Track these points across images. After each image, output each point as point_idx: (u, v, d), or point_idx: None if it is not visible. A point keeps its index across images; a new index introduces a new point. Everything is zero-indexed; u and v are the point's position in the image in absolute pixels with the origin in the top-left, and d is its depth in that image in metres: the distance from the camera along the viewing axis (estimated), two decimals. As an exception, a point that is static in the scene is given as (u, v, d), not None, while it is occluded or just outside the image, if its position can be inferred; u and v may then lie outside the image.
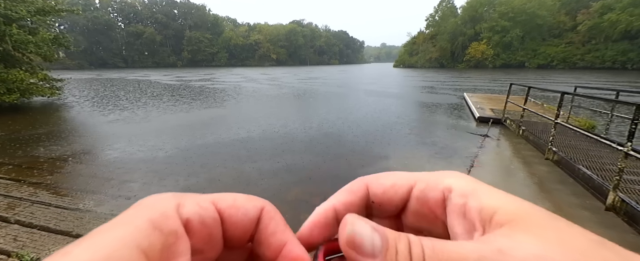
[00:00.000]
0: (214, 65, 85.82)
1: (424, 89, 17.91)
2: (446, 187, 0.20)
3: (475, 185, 0.20)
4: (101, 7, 78.13)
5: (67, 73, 29.57)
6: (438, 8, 76.50)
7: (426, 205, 0.21)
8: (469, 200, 0.19)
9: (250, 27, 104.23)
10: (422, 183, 0.21)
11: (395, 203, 0.22)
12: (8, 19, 9.93)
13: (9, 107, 10.39)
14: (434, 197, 0.20)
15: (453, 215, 0.19)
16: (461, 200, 0.19)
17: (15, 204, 3.38)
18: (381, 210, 0.23)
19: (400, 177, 0.23)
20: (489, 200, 0.18)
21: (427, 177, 0.22)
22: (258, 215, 0.21)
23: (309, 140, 6.16)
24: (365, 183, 0.23)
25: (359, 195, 0.23)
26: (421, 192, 0.21)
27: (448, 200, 0.20)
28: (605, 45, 50.13)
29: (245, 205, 0.21)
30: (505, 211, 0.17)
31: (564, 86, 19.06)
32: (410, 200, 0.22)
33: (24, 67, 11.41)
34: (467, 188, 0.19)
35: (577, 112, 8.92)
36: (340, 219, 0.21)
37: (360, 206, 0.23)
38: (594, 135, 4.04)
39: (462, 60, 66.21)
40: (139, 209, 0.18)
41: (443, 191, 0.20)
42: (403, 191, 0.22)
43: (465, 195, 0.19)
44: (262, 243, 0.21)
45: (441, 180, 0.21)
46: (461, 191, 0.19)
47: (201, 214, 0.19)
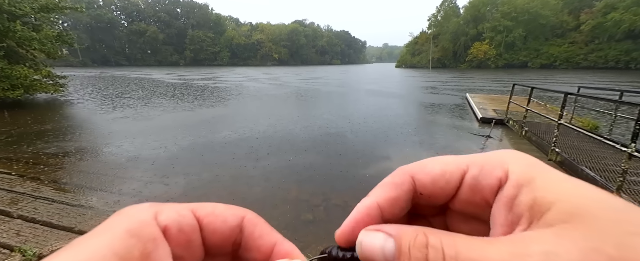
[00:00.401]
0: (216, 65, 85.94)
1: (426, 89, 17.85)
2: (503, 174, 0.18)
3: (534, 172, 0.17)
4: (104, 5, 78.38)
5: (70, 70, 29.78)
6: (440, 8, 76.21)
7: (479, 194, 0.19)
8: (521, 191, 0.17)
9: (253, 27, 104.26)
10: (476, 168, 0.20)
11: (446, 193, 0.21)
12: (12, 15, 9.98)
13: (12, 102, 10.45)
14: (489, 185, 0.19)
15: (499, 205, 0.18)
16: (513, 191, 0.17)
17: (18, 199, 3.40)
18: (430, 201, 0.21)
19: (449, 163, 0.21)
20: (546, 192, 0.16)
21: (481, 160, 0.20)
22: (238, 223, 0.21)
23: (310, 140, 6.16)
24: (410, 174, 0.21)
25: (404, 188, 0.21)
26: (474, 179, 0.19)
27: (501, 189, 0.18)
28: (609, 44, 49.79)
29: (224, 213, 0.21)
30: (561, 208, 0.15)
31: (567, 86, 18.95)
32: (462, 187, 0.20)
33: (28, 64, 11.47)
34: (524, 176, 0.17)
35: (581, 113, 8.87)
36: (385, 216, 0.21)
37: (405, 200, 0.21)
38: (598, 136, 4.01)
39: (464, 60, 65.96)
40: (116, 219, 0.18)
41: (500, 178, 0.18)
42: (455, 178, 0.20)
43: (519, 185, 0.17)
44: (251, 248, 0.21)
45: (498, 164, 0.19)
46: (517, 180, 0.17)
47: (179, 221, 0.19)
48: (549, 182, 0.16)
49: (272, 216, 3.10)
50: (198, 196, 3.65)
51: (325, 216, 3.17)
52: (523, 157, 0.19)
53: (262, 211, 3.56)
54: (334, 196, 3.60)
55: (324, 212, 3.24)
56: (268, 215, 3.05)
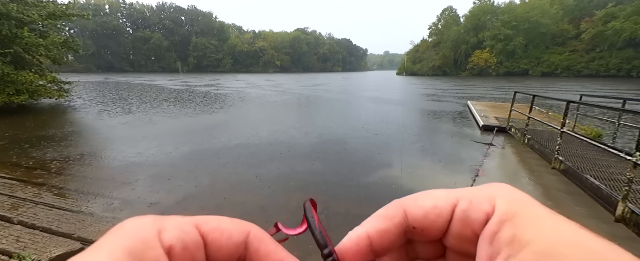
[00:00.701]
0: (219, 71, 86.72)
1: (427, 97, 17.88)
2: (490, 208, 0.19)
3: (519, 208, 0.18)
4: (111, 13, 79.80)
5: (75, 76, 30.10)
6: (441, 16, 77.00)
7: (470, 227, 0.19)
8: (503, 226, 0.17)
9: (256, 34, 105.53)
10: (465, 202, 0.20)
11: (438, 227, 0.21)
12: (20, 22, 10.17)
13: (17, 107, 10.55)
14: (478, 218, 0.19)
15: (483, 238, 0.18)
16: (496, 226, 0.18)
17: (18, 204, 3.39)
18: (422, 235, 0.21)
19: (440, 197, 0.21)
20: (525, 229, 0.16)
21: (471, 194, 0.20)
22: (243, 239, 0.20)
23: (311, 146, 6.15)
24: (402, 207, 0.21)
25: (395, 221, 0.21)
26: (464, 213, 0.20)
27: (487, 224, 0.18)
28: (610, 52, 49.91)
29: (229, 228, 0.20)
30: (537, 247, 0.15)
31: (569, 94, 18.93)
32: (453, 221, 0.20)
33: (34, 69, 11.62)
34: (508, 211, 0.18)
35: (583, 121, 8.83)
36: (374, 248, 0.21)
37: (396, 234, 0.21)
38: (601, 144, 3.98)
39: (465, 68, 66.23)
40: (116, 235, 0.17)
41: (487, 213, 0.19)
42: (446, 212, 0.20)
43: (502, 221, 0.18)
44: None
45: (486, 198, 0.19)
46: (501, 215, 0.18)
47: (184, 239, 0.18)
48: (530, 219, 0.17)
49: (272, 223, 3.07)
50: (198, 202, 3.63)
51: (326, 225, 3.13)
52: (510, 191, 0.19)
53: (262, 218, 3.54)
54: (334, 205, 3.57)
55: (325, 221, 3.21)
56: (268, 223, 3.02)
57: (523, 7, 59.62)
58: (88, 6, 73.17)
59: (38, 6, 10.92)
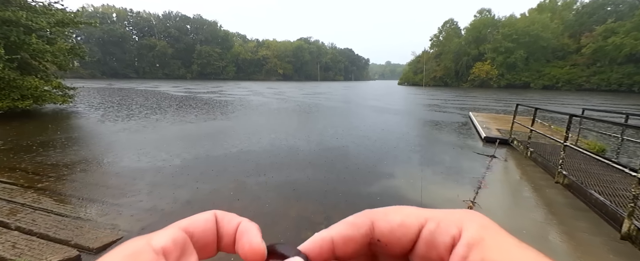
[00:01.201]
0: (222, 78, 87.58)
1: (428, 107, 17.93)
2: (457, 232, 0.19)
3: (486, 233, 0.18)
4: (118, 21, 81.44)
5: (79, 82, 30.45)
6: (442, 29, 78.11)
7: (435, 250, 0.19)
8: (472, 252, 0.17)
9: (259, 43, 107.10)
10: (433, 224, 0.20)
11: (402, 245, 0.21)
12: (28, 29, 10.38)
13: (21, 112, 10.63)
14: (443, 242, 0.19)
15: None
16: (465, 250, 0.18)
17: (17, 210, 3.36)
18: (387, 250, 0.21)
19: (410, 215, 0.21)
20: (493, 255, 0.17)
21: (440, 217, 0.20)
22: (213, 219, 0.23)
23: (312, 155, 6.13)
24: (371, 219, 0.22)
25: (361, 230, 0.21)
26: (431, 234, 0.20)
27: (454, 247, 0.18)
28: (611, 67, 50.19)
29: (200, 218, 0.23)
30: None
31: (571, 108, 18.93)
32: (419, 241, 0.20)
33: (40, 75, 11.78)
34: (475, 237, 0.18)
35: (586, 135, 8.80)
36: (337, 253, 0.21)
37: (360, 243, 0.21)
38: (605, 159, 3.94)
39: (466, 79, 66.64)
40: (114, 251, 0.18)
41: (453, 236, 0.19)
42: (413, 231, 0.20)
43: (470, 245, 0.18)
44: (223, 235, 0.23)
45: (454, 222, 0.19)
46: (468, 240, 0.18)
47: (173, 237, 0.20)
48: (497, 245, 0.17)
49: (272, 232, 3.03)
50: (198, 209, 3.48)
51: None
52: (479, 218, 0.19)
53: (262, 226, 3.45)
54: (335, 214, 3.53)
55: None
56: (268, 231, 2.98)
57: (523, 21, 60.47)
58: (96, 14, 74.85)
59: (47, 14, 11.17)
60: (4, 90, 9.74)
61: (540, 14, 62.14)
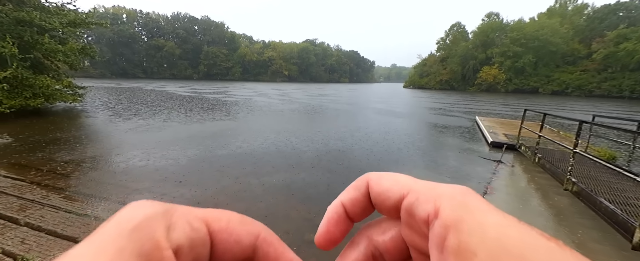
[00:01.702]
0: (228, 79, 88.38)
1: (434, 110, 17.79)
2: (434, 209, 0.18)
3: (462, 212, 0.17)
4: (128, 21, 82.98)
5: (89, 81, 31.06)
6: (449, 32, 77.69)
7: (414, 220, 0.20)
8: (449, 233, 0.17)
9: (265, 45, 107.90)
10: (413, 196, 0.20)
11: (386, 209, 0.22)
12: (41, 29, 10.63)
13: (32, 110, 10.87)
14: (421, 215, 0.19)
15: (432, 245, 0.18)
16: (442, 231, 0.17)
17: (26, 206, 3.43)
18: (382, 209, 0.22)
19: (397, 182, 0.21)
20: (470, 239, 0.16)
21: (421, 189, 0.20)
22: (252, 242, 0.20)
23: (317, 157, 6.12)
24: (367, 180, 0.23)
25: (361, 191, 0.23)
26: (409, 205, 0.20)
27: (431, 225, 0.18)
28: (622, 74, 49.22)
29: (238, 230, 0.20)
30: (481, 257, 0.15)
31: (580, 114, 18.59)
32: (401, 211, 0.21)
33: (51, 74, 12.04)
34: (451, 216, 0.17)
35: (596, 142, 8.62)
36: (349, 215, 0.23)
37: (365, 202, 0.23)
38: (616, 167, 3.86)
39: (473, 83, 66.03)
40: (121, 231, 0.15)
41: (428, 213, 0.18)
42: (394, 200, 0.21)
43: (447, 226, 0.17)
44: None
45: (432, 198, 0.19)
46: (444, 219, 0.17)
47: (193, 238, 0.17)
48: (475, 227, 0.16)
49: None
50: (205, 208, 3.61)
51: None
52: (459, 194, 0.19)
53: (265, 229, 3.45)
54: (339, 218, 3.52)
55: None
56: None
57: (532, 26, 59.77)
58: (107, 15, 76.36)
59: (59, 14, 11.44)
60: (16, 88, 9.98)
61: (549, 19, 61.36)
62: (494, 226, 0.16)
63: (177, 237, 0.16)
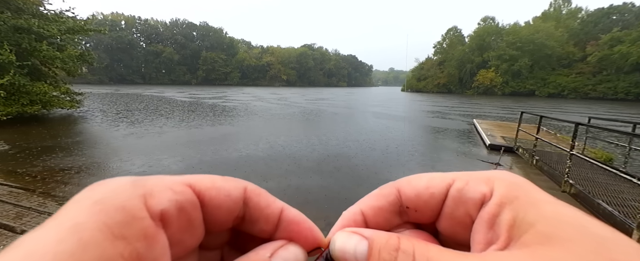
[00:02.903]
0: (227, 84, 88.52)
1: (432, 114, 17.87)
2: (488, 190, 0.18)
3: (519, 191, 0.17)
4: (126, 28, 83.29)
5: (87, 87, 31.03)
6: (446, 36, 78.48)
7: (463, 207, 0.19)
8: (503, 210, 0.16)
9: (263, 50, 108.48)
10: (461, 182, 0.19)
11: (431, 207, 0.20)
12: (40, 36, 10.66)
13: (29, 117, 10.82)
14: (473, 198, 0.18)
15: (481, 221, 0.17)
16: (495, 209, 0.17)
17: (23, 213, 3.40)
18: (418, 216, 0.21)
19: (434, 177, 0.21)
20: (527, 213, 0.15)
21: (468, 176, 0.20)
22: (241, 195, 0.19)
23: (315, 161, 6.12)
24: (396, 187, 0.21)
25: (389, 199, 0.21)
26: (459, 192, 0.19)
27: (484, 205, 0.17)
28: (617, 76, 49.79)
29: (225, 185, 0.19)
30: (540, 230, 0.14)
31: (577, 116, 18.72)
32: (447, 200, 0.19)
33: (49, 81, 12.02)
34: (508, 195, 0.17)
35: (592, 144, 8.67)
36: (369, 225, 0.21)
37: (390, 211, 0.21)
38: (613, 169, 3.88)
39: (470, 86, 66.49)
40: (90, 206, 0.13)
41: (484, 194, 0.18)
42: (440, 192, 0.20)
43: (502, 203, 0.16)
44: (258, 220, 0.20)
45: (484, 180, 0.18)
46: (500, 197, 0.17)
47: (178, 200, 0.16)
48: (532, 203, 0.16)
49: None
50: None
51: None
52: (510, 176, 0.18)
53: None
54: (336, 220, 3.50)
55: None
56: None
57: (528, 29, 60.52)
58: (105, 22, 76.57)
59: (58, 22, 11.48)
60: (13, 95, 9.95)
61: (544, 22, 62.18)
62: (549, 203, 0.16)
63: (158, 203, 0.15)
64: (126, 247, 0.12)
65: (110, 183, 0.15)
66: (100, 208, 0.13)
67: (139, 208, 0.14)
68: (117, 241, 0.12)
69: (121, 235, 0.12)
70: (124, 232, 0.12)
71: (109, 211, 0.13)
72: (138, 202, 0.14)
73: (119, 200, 0.14)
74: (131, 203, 0.14)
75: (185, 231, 0.16)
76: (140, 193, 0.15)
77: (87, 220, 0.12)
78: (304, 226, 0.21)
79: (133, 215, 0.13)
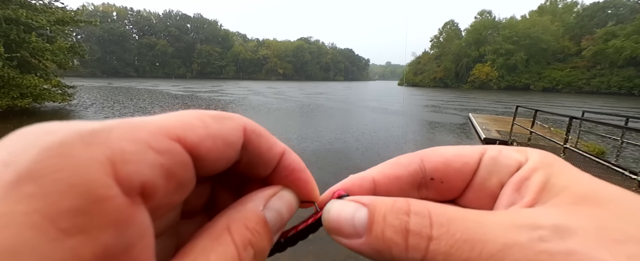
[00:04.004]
0: (222, 78, 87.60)
1: (428, 108, 17.93)
2: (523, 158, 0.17)
3: (555, 160, 0.16)
4: (118, 19, 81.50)
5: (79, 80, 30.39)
6: (442, 30, 78.23)
7: (497, 176, 0.17)
8: (535, 173, 0.15)
9: (259, 43, 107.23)
10: (495, 150, 0.18)
11: (463, 177, 0.18)
12: (28, 27, 10.36)
13: (20, 111, 10.60)
14: (508, 165, 0.17)
15: (509, 184, 0.16)
16: (527, 173, 0.15)
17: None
18: (443, 189, 0.19)
19: (463, 147, 0.19)
20: (560, 177, 0.14)
21: (500, 146, 0.18)
22: (241, 138, 0.16)
23: (312, 155, 6.11)
24: (420, 156, 0.19)
25: (409, 168, 0.19)
26: (493, 160, 0.17)
27: (517, 171, 0.16)
28: (611, 70, 50.34)
29: (222, 130, 0.15)
30: (574, 191, 0.13)
31: (571, 110, 18.95)
32: (479, 170, 0.17)
33: (39, 73, 11.76)
34: (543, 161, 0.16)
35: (585, 137, 8.79)
36: (378, 192, 0.19)
37: (408, 183, 0.19)
38: (605, 162, 3.94)
39: (466, 80, 66.75)
40: (11, 186, 0.08)
41: (519, 161, 0.16)
42: (473, 160, 0.18)
43: (535, 168, 0.15)
44: (257, 165, 0.18)
45: (518, 150, 0.17)
46: (534, 163, 0.16)
47: (164, 165, 0.11)
48: (566, 169, 0.15)
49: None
50: None
51: (325, 234, 3.07)
52: (542, 151, 0.17)
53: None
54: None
55: (323, 231, 3.15)
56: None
57: (524, 23, 60.57)
58: (96, 13, 74.80)
59: (47, 12, 11.16)
60: (3, 88, 9.72)
61: (540, 16, 62.26)
62: (581, 174, 0.15)
63: (136, 172, 0.10)
64: (86, 245, 0.08)
65: (42, 137, 0.09)
66: (32, 190, 0.08)
67: (104, 184, 0.09)
68: (68, 240, 0.08)
69: (76, 229, 0.08)
70: (80, 224, 0.08)
71: (49, 193, 0.08)
72: (101, 174, 0.09)
73: (68, 172, 0.08)
74: (89, 177, 0.09)
75: (173, 195, 0.13)
76: (101, 156, 0.09)
77: (10, 210, 0.07)
78: (301, 176, 0.19)
79: (95, 197, 0.08)
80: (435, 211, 0.13)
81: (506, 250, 0.11)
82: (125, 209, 0.09)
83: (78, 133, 0.09)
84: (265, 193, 0.17)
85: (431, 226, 0.13)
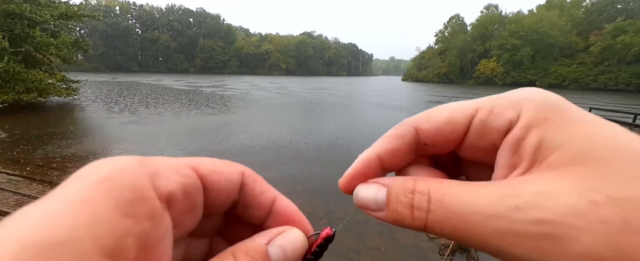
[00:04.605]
0: (225, 73, 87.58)
1: (432, 104, 17.64)
2: (515, 115, 0.16)
3: (550, 112, 0.15)
4: (121, 14, 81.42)
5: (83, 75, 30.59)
6: (447, 24, 77.16)
7: (487, 138, 0.18)
8: (530, 132, 0.15)
9: (262, 37, 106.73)
10: (485, 112, 0.18)
11: (452, 142, 0.20)
12: (32, 21, 10.39)
13: (25, 105, 10.71)
14: (498, 127, 0.17)
15: (505, 147, 0.16)
16: (521, 132, 0.16)
17: (23, 201, 3.40)
18: (436, 150, 0.21)
19: (456, 109, 0.20)
20: (556, 133, 0.14)
21: (493, 102, 0.18)
22: (240, 180, 0.19)
23: (316, 150, 6.12)
24: (413, 125, 0.21)
25: (405, 140, 0.21)
26: (482, 123, 0.18)
27: (510, 131, 0.16)
28: (619, 67, 49.41)
29: (226, 170, 0.19)
30: (568, 150, 0.13)
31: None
32: (469, 133, 0.19)
33: (44, 68, 11.83)
34: (537, 117, 0.15)
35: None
36: (386, 167, 0.21)
37: (407, 151, 0.21)
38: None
39: (471, 76, 66.03)
40: (97, 183, 0.13)
41: (510, 120, 0.17)
42: (462, 126, 0.19)
43: (529, 126, 0.15)
44: (251, 205, 0.20)
45: (511, 105, 0.17)
46: (528, 120, 0.16)
47: (184, 183, 0.16)
48: (563, 124, 0.15)
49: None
50: None
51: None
52: (542, 94, 0.17)
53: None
54: (337, 209, 3.54)
55: (327, 225, 3.17)
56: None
57: (531, 18, 59.48)
58: (99, 7, 74.74)
59: (50, 7, 11.17)
60: (8, 83, 9.80)
61: (548, 11, 61.04)
62: (584, 123, 0.14)
63: (166, 184, 0.15)
64: (135, 225, 0.12)
65: (115, 161, 0.14)
66: (109, 186, 0.13)
67: (147, 188, 0.14)
68: (128, 219, 0.12)
69: (131, 213, 0.12)
70: (133, 210, 0.12)
71: (117, 188, 0.13)
72: (146, 182, 0.14)
73: (128, 179, 0.13)
74: (140, 183, 0.14)
75: (187, 213, 0.17)
76: (147, 173, 0.14)
77: (98, 195, 0.12)
78: (295, 219, 0.21)
79: (141, 195, 0.13)
80: (434, 188, 0.16)
81: (485, 221, 0.13)
82: (158, 208, 0.14)
83: (135, 160, 0.15)
84: (271, 231, 0.19)
85: (429, 202, 0.15)
